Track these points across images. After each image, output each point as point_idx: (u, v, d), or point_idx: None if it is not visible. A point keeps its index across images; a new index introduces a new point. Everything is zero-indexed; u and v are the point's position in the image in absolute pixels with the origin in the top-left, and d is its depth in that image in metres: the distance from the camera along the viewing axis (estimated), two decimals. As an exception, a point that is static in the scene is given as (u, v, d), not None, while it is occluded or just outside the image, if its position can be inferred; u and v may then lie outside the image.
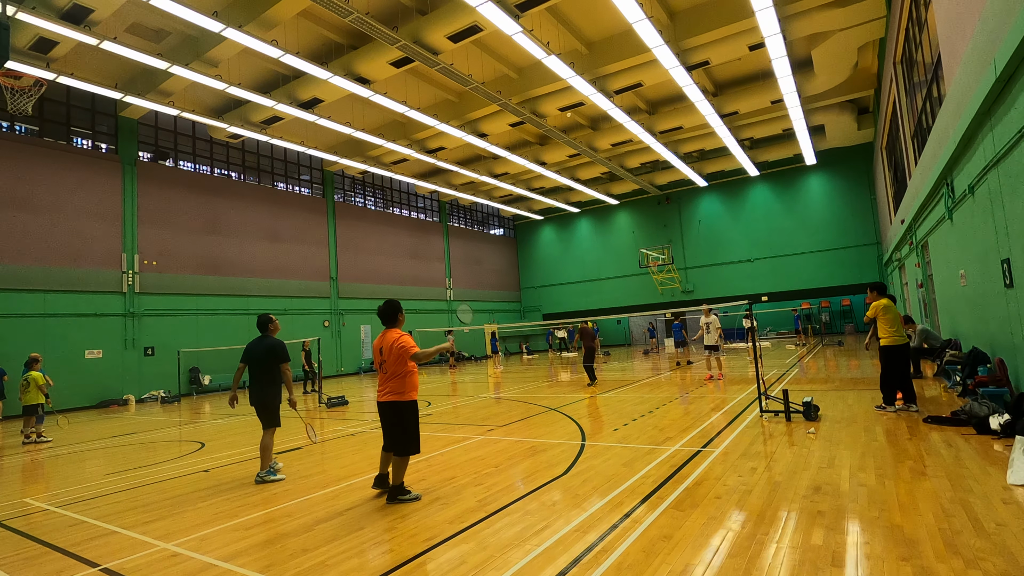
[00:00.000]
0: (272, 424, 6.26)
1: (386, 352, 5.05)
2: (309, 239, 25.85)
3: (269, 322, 6.48)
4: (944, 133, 8.74)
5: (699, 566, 3.19)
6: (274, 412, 6.27)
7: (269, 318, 6.50)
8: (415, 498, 4.93)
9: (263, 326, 6.47)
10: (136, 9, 13.89)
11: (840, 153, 29.20)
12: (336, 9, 12.85)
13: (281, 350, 6.28)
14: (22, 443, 10.59)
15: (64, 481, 6.99)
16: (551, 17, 15.78)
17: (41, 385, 10.71)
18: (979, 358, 8.06)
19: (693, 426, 7.52)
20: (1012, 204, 6.06)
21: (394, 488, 4.97)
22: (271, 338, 6.38)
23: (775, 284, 31.16)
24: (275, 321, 6.55)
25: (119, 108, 19.36)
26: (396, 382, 5.02)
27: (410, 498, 4.92)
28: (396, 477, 4.99)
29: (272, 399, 6.24)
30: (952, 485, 4.29)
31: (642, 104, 22.27)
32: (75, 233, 17.98)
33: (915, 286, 16.72)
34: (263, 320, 6.48)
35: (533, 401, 11.51)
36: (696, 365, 17.43)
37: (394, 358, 5.00)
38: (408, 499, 4.91)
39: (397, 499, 4.91)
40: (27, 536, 4.72)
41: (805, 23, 15.37)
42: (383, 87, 18.21)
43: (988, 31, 5.77)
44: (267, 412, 6.24)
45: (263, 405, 6.23)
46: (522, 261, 41.46)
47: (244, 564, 3.74)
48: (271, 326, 6.48)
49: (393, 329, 5.18)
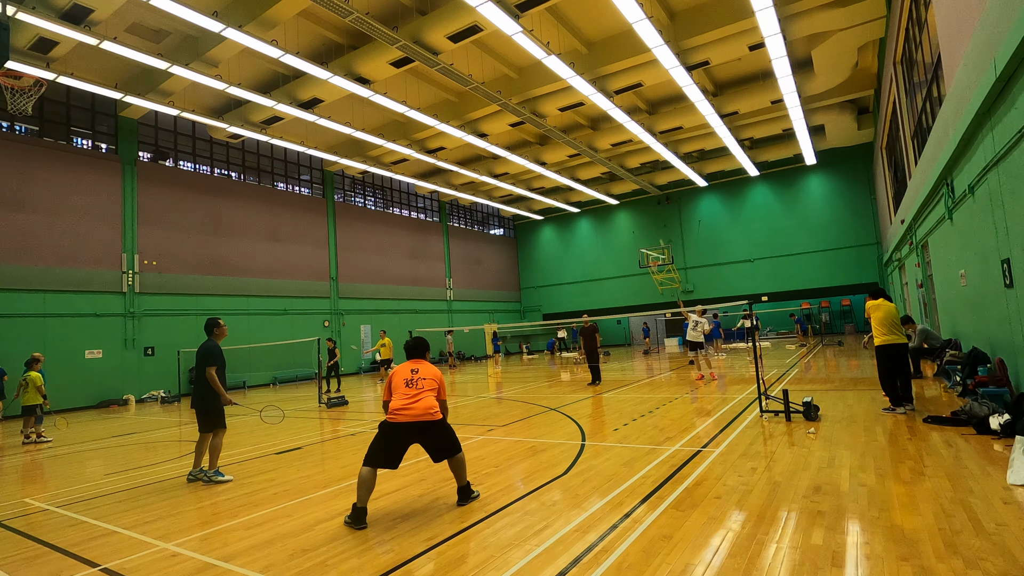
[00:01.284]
0: (210, 428, 6.28)
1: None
2: (309, 239, 25.85)
3: (215, 326, 6.46)
4: (944, 133, 8.74)
5: (699, 566, 3.19)
6: (211, 416, 6.27)
7: (215, 322, 6.47)
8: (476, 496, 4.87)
9: (208, 330, 6.45)
10: (136, 9, 13.89)
11: (840, 153, 29.20)
12: (336, 9, 12.85)
13: (209, 354, 6.23)
14: (22, 443, 10.59)
15: (64, 481, 6.98)
16: (551, 17, 15.78)
17: (39, 386, 10.72)
18: (979, 358, 8.06)
19: (693, 426, 7.52)
20: (1012, 204, 6.06)
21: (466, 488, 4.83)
22: (209, 342, 6.34)
23: (775, 284, 31.15)
24: (222, 326, 6.51)
25: (119, 108, 19.36)
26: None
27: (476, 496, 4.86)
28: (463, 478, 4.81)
29: (210, 403, 6.24)
30: (952, 485, 4.29)
31: (642, 104, 22.27)
32: (75, 233, 17.97)
33: (915, 286, 16.72)
34: (209, 323, 6.47)
35: (533, 401, 11.52)
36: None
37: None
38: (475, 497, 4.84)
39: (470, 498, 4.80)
40: (27, 536, 4.72)
41: (805, 23, 15.37)
42: (383, 87, 18.21)
43: (988, 31, 5.77)
44: (204, 417, 6.27)
45: (200, 410, 6.27)
46: (522, 261, 41.46)
47: (244, 564, 3.74)
48: (216, 330, 6.45)
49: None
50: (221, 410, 6.31)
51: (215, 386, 6.18)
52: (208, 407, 6.25)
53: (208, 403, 6.25)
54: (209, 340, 6.36)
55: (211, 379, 6.17)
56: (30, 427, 10.67)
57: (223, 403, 6.29)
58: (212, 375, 6.17)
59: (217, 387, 6.18)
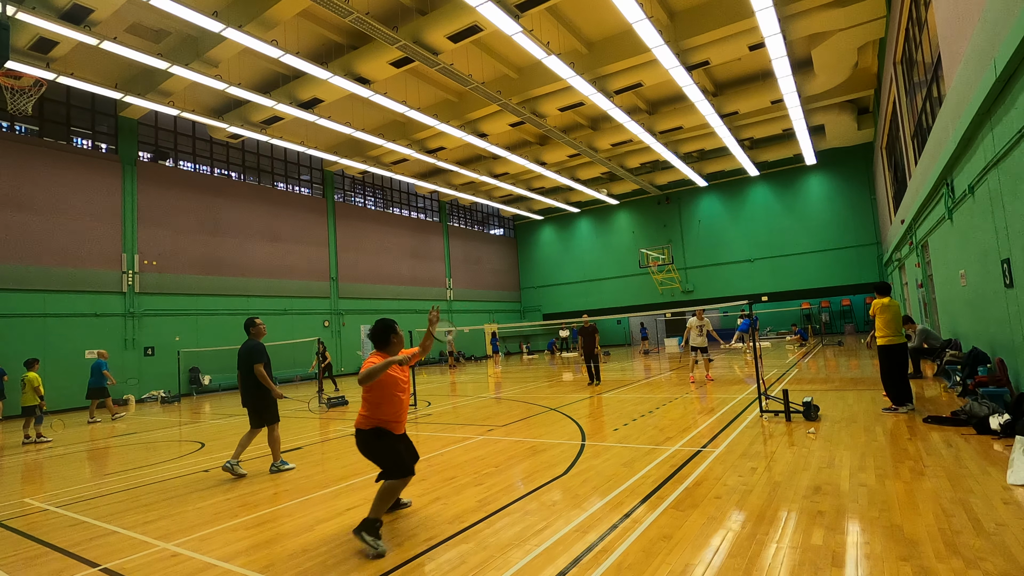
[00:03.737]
0: (265, 423, 6.42)
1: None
2: (309, 239, 25.85)
3: (252, 325, 6.61)
4: (944, 133, 8.74)
5: (699, 566, 3.19)
6: (263, 412, 6.40)
7: (252, 321, 6.62)
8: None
9: (246, 329, 6.63)
10: (136, 9, 13.90)
11: (840, 153, 29.20)
12: (336, 9, 12.85)
13: (254, 352, 6.37)
14: (22, 443, 10.61)
15: (64, 481, 6.98)
16: (551, 17, 15.78)
17: (36, 387, 10.80)
18: (979, 358, 8.06)
19: (693, 426, 7.52)
20: (1012, 204, 6.05)
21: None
22: (250, 341, 6.49)
23: (775, 284, 31.15)
24: (259, 324, 6.64)
25: (119, 108, 19.36)
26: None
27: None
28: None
29: (259, 400, 6.37)
30: (952, 485, 4.29)
31: (642, 104, 22.27)
32: (75, 233, 17.97)
33: (915, 286, 16.72)
34: (246, 323, 6.64)
35: (533, 401, 11.51)
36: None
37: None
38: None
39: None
40: (27, 536, 4.72)
41: (805, 23, 15.37)
42: (383, 87, 18.21)
43: (988, 31, 5.77)
44: (257, 414, 6.41)
45: (252, 408, 6.40)
46: (522, 261, 41.45)
47: (244, 564, 3.74)
48: (253, 329, 6.60)
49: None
50: (272, 405, 6.44)
51: (264, 382, 6.30)
52: (258, 404, 6.39)
53: (257, 400, 6.39)
54: (250, 339, 6.52)
55: (259, 375, 6.29)
56: (30, 427, 10.73)
57: (274, 397, 6.41)
58: (260, 371, 6.30)
59: (266, 382, 6.31)
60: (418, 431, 8.85)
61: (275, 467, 6.45)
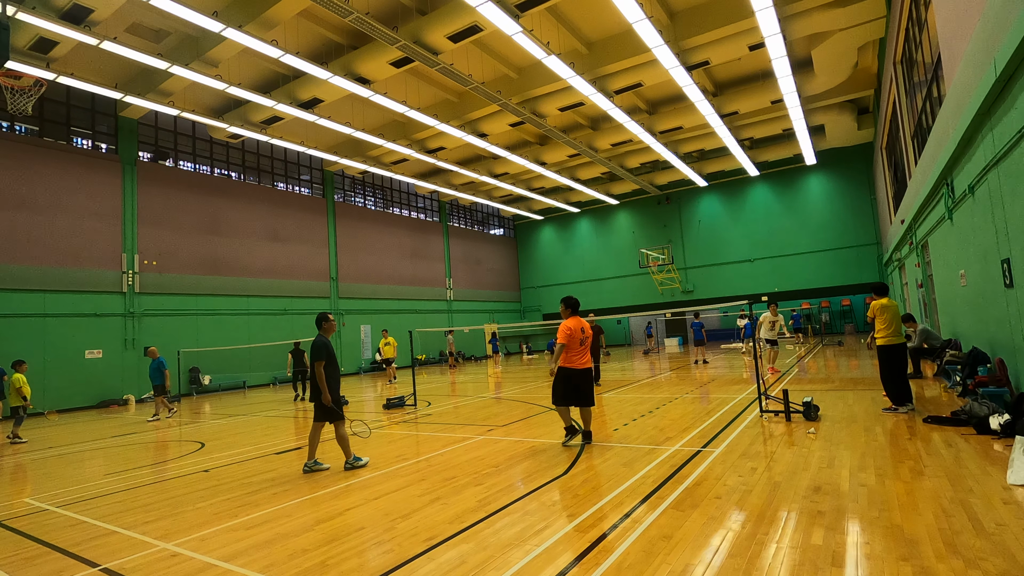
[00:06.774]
0: (321, 419, 6.40)
1: (587, 331, 6.94)
2: (309, 239, 25.85)
3: (324, 320, 6.61)
4: (944, 133, 8.74)
5: (699, 566, 3.19)
6: (319, 408, 6.38)
7: (324, 316, 6.62)
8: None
9: (317, 324, 6.65)
10: (136, 9, 13.89)
11: (840, 153, 29.20)
12: (336, 9, 12.85)
13: (314, 349, 6.39)
14: (10, 442, 10.80)
15: (64, 481, 6.98)
16: (551, 17, 15.78)
17: (18, 388, 10.90)
18: (979, 358, 8.06)
19: (693, 426, 7.52)
20: (1012, 204, 6.06)
21: (588, 432, 6.81)
22: (319, 336, 6.50)
23: (775, 284, 31.15)
24: (331, 320, 6.65)
25: (119, 108, 19.36)
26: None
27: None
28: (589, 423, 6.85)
29: (316, 396, 6.39)
30: (952, 485, 4.29)
31: (642, 104, 22.27)
32: (75, 233, 17.97)
33: (915, 286, 16.72)
34: (318, 319, 6.66)
35: (533, 401, 11.51)
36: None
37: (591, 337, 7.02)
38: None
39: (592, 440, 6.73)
40: (27, 536, 4.72)
41: (805, 23, 15.37)
42: (383, 87, 18.21)
43: (988, 31, 5.77)
44: (320, 409, 6.40)
45: (316, 403, 6.43)
46: (522, 261, 41.46)
47: (244, 564, 3.74)
48: (325, 324, 6.60)
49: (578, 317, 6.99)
50: (336, 402, 6.42)
51: (319, 382, 6.29)
52: (314, 399, 6.41)
53: (314, 396, 6.41)
54: (319, 335, 6.50)
55: (317, 375, 6.30)
56: (11, 428, 11.03)
57: (323, 401, 6.33)
58: (319, 371, 6.28)
59: (321, 384, 6.28)
60: (418, 431, 8.85)
61: (349, 464, 6.40)
